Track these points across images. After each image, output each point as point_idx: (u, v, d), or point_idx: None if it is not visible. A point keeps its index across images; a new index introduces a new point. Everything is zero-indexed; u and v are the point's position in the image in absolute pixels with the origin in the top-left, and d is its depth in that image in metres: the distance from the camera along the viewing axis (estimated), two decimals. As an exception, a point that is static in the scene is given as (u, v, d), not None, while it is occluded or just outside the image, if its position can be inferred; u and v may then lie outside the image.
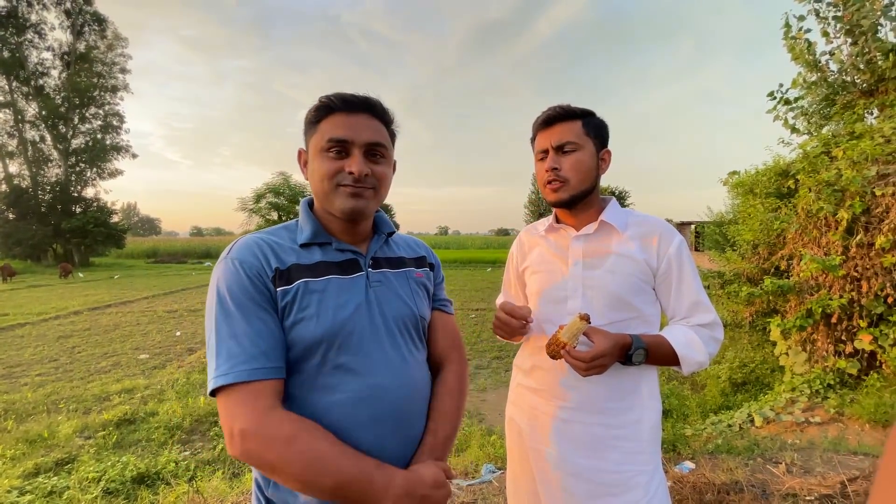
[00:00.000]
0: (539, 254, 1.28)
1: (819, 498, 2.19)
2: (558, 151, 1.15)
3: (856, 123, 4.72)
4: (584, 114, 1.17)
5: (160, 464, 3.21)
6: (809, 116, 5.81)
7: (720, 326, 1.14)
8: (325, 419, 0.80)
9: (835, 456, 2.70)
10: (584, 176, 1.14)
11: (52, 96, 26.49)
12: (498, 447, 2.99)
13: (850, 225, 4.07)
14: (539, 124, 1.20)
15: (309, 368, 0.83)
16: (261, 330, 0.79)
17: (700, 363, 1.08)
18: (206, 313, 0.83)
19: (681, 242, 1.14)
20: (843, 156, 4.21)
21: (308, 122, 0.92)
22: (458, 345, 1.07)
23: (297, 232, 0.93)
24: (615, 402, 1.13)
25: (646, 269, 1.13)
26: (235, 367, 0.75)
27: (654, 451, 1.15)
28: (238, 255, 0.84)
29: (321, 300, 0.84)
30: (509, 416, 1.33)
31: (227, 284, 0.81)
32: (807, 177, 4.41)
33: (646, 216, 1.21)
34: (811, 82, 5.58)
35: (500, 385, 5.25)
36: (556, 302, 1.19)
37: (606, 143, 1.20)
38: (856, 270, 4.04)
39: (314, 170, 0.90)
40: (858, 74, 5.11)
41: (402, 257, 1.02)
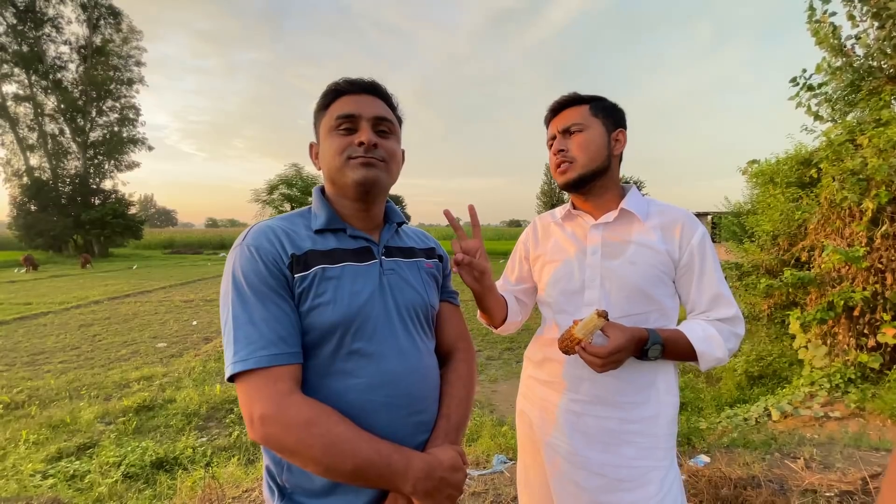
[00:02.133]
0: (554, 242, 1.24)
1: (839, 494, 2.14)
2: (565, 134, 1.14)
3: (882, 110, 4.54)
4: (591, 98, 1.15)
5: (178, 449, 3.28)
6: (834, 103, 5.61)
7: (741, 321, 1.10)
8: (341, 404, 0.80)
9: (856, 452, 2.64)
10: (593, 155, 1.11)
11: (69, 90, 26.95)
12: (509, 438, 2.99)
13: (875, 215, 3.94)
14: (548, 113, 1.20)
15: (324, 354, 0.83)
16: (278, 315, 0.79)
17: (718, 359, 1.05)
18: (222, 299, 0.83)
19: (704, 233, 1.10)
20: (869, 143, 4.06)
21: (317, 110, 0.95)
22: (465, 335, 1.08)
23: (311, 218, 0.93)
24: (630, 395, 1.10)
25: (667, 260, 1.09)
26: (255, 352, 0.76)
27: (670, 446, 1.13)
28: (253, 241, 0.84)
29: (337, 286, 0.84)
30: (520, 408, 1.32)
31: (244, 271, 0.81)
32: (830, 165, 4.28)
33: (668, 205, 1.17)
34: (836, 67, 5.38)
35: (511, 376, 5.25)
36: (572, 293, 1.16)
37: (621, 124, 1.16)
38: (880, 262, 3.92)
39: (325, 149, 0.91)
40: (885, 59, 4.91)
41: (413, 248, 1.03)
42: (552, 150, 1.18)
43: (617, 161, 1.17)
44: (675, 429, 1.15)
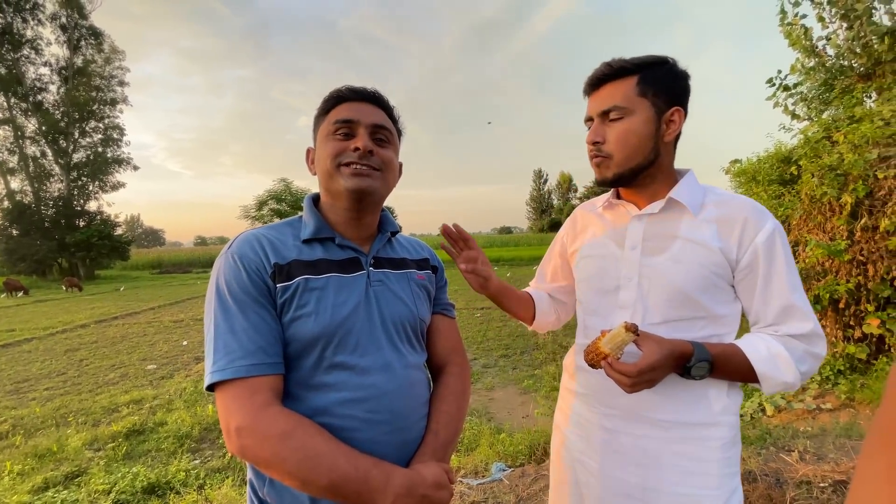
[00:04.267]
0: (592, 234, 1.10)
1: (833, 484, 2.17)
2: (603, 118, 0.95)
3: (855, 107, 4.68)
4: (640, 66, 0.92)
5: (170, 473, 3.20)
6: (809, 102, 5.77)
7: (821, 339, 0.90)
8: (321, 418, 0.79)
9: (847, 441, 2.68)
10: (634, 150, 0.93)
11: (51, 111, 26.59)
12: (507, 445, 2.98)
13: (853, 209, 4.04)
14: (586, 88, 0.99)
15: (306, 366, 0.82)
16: (259, 325, 0.78)
17: (786, 384, 0.88)
18: (206, 308, 0.83)
19: (774, 230, 0.90)
20: (844, 140, 4.17)
21: (317, 115, 0.94)
22: (459, 349, 1.05)
23: (300, 227, 0.92)
24: (671, 413, 0.94)
25: (721, 260, 0.91)
26: (233, 362, 0.75)
27: (728, 472, 0.94)
28: (238, 249, 0.83)
29: (320, 298, 0.83)
30: (555, 421, 1.20)
31: (226, 279, 0.80)
32: (809, 162, 4.38)
33: (731, 195, 0.97)
34: (809, 68, 5.55)
35: (507, 383, 5.23)
36: (606, 292, 1.02)
37: (679, 100, 0.94)
38: (861, 254, 4.00)
39: (320, 154, 0.91)
40: (855, 58, 5.08)
41: (405, 258, 1.01)
42: (587, 138, 0.98)
43: (670, 146, 0.97)
44: (736, 453, 0.97)
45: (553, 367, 5.50)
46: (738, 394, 0.98)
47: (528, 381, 5.16)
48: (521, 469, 2.65)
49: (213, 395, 0.79)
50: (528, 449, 2.88)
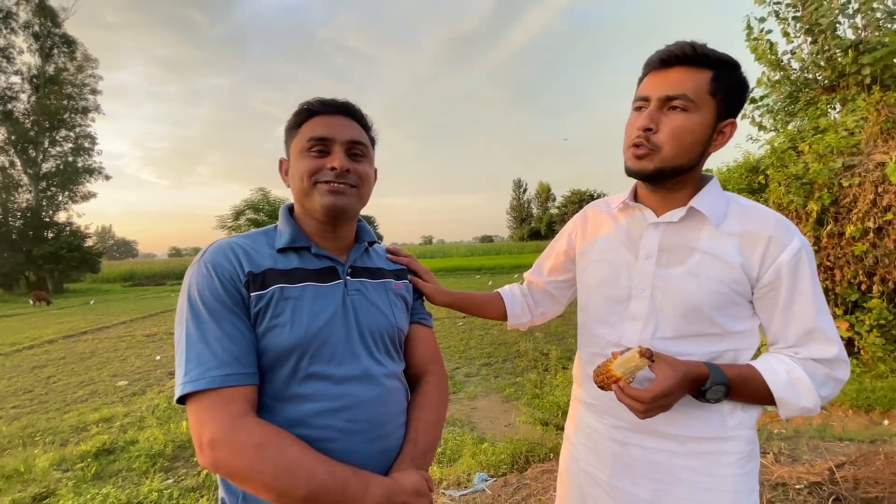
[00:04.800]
0: (604, 238, 1.04)
1: (808, 485, 2.21)
2: (662, 105, 0.85)
3: (820, 118, 4.89)
4: (719, 62, 0.84)
5: (142, 494, 3.08)
6: (775, 114, 6.00)
7: (845, 363, 0.85)
8: (298, 429, 0.77)
9: (821, 443, 2.75)
10: (685, 149, 0.85)
11: (21, 120, 25.76)
12: (489, 455, 2.96)
13: (820, 216, 4.20)
14: (652, 62, 0.88)
15: (281, 377, 0.81)
16: (233, 335, 0.77)
17: (805, 409, 0.84)
18: (177, 317, 0.80)
19: (801, 248, 0.84)
20: (810, 150, 4.35)
21: (289, 128, 0.93)
22: (437, 358, 1.05)
23: (275, 237, 0.91)
24: (682, 427, 0.90)
25: (741, 277, 0.85)
26: (206, 372, 0.73)
27: (745, 489, 0.89)
28: (210, 257, 0.82)
29: (296, 307, 0.82)
30: (566, 432, 1.17)
31: (199, 288, 0.79)
32: (776, 171, 4.54)
33: (756, 206, 0.91)
34: (775, 81, 5.78)
35: (490, 392, 5.22)
36: (616, 301, 0.97)
37: (734, 112, 0.88)
38: (829, 260, 4.15)
39: (295, 170, 0.89)
40: (819, 71, 5.31)
41: (382, 268, 1.01)
42: (638, 122, 0.88)
43: (708, 156, 0.91)
44: (754, 468, 0.92)
45: (534, 374, 5.52)
46: (756, 408, 0.92)
47: (509, 389, 5.16)
48: (504, 478, 2.63)
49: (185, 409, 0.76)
50: (510, 458, 2.87)
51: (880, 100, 4.16)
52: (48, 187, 27.55)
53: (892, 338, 3.89)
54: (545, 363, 6.01)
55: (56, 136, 27.31)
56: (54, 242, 25.23)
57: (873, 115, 4.19)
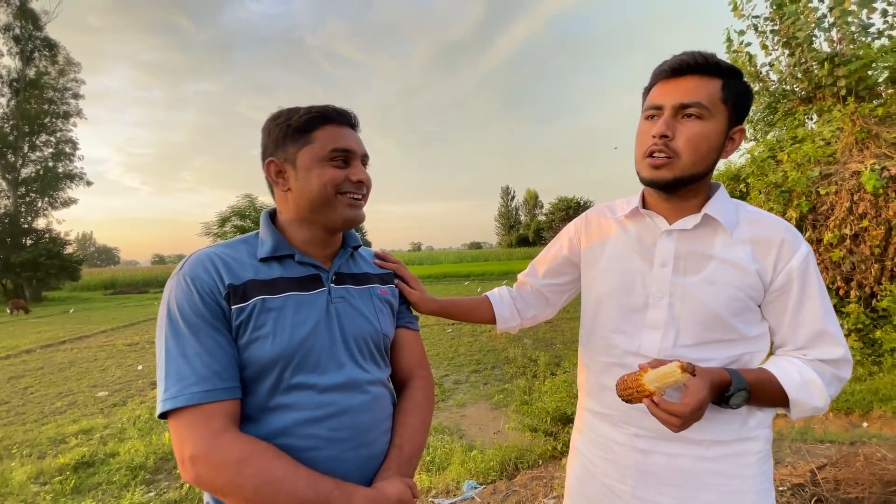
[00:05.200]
0: (613, 245, 1.03)
1: (791, 487, 2.25)
2: (678, 113, 0.86)
3: (797, 129, 5.04)
4: (728, 71, 0.86)
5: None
6: (755, 124, 6.17)
7: (849, 363, 0.89)
8: (281, 439, 0.78)
9: (802, 445, 2.80)
10: (702, 157, 0.86)
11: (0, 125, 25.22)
12: (479, 462, 2.95)
13: (798, 223, 4.31)
14: (663, 71, 0.89)
15: (264, 388, 0.80)
16: (213, 349, 0.76)
17: (816, 409, 0.86)
18: (157, 332, 0.80)
19: (808, 254, 0.87)
20: (788, 159, 4.47)
21: (295, 129, 0.87)
22: (423, 362, 1.05)
23: (256, 245, 0.90)
24: (708, 432, 0.89)
25: (756, 282, 0.87)
26: (186, 388, 0.73)
27: (763, 489, 0.91)
28: (189, 270, 0.81)
29: (278, 318, 0.81)
30: (574, 444, 1.13)
31: (178, 302, 0.78)
32: (756, 180, 4.66)
33: (763, 213, 0.93)
34: (754, 92, 5.94)
35: (479, 399, 5.21)
36: (633, 310, 0.96)
37: (743, 119, 0.90)
38: (808, 266, 4.26)
39: (314, 178, 0.86)
40: (797, 83, 5.48)
41: (367, 273, 1.00)
42: (653, 130, 0.87)
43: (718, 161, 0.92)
44: (769, 467, 0.94)
45: (523, 381, 5.53)
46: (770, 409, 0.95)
47: (498, 395, 5.16)
48: (493, 486, 2.62)
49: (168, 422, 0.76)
50: (499, 465, 2.87)
51: (855, 111, 4.31)
52: (27, 193, 26.91)
53: (870, 341, 4.00)
54: (534, 369, 6.02)
55: (36, 140, 26.74)
56: (33, 249, 24.61)
57: (848, 126, 4.33)
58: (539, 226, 63.88)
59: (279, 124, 0.88)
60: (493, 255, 48.97)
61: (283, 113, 0.89)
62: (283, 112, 0.90)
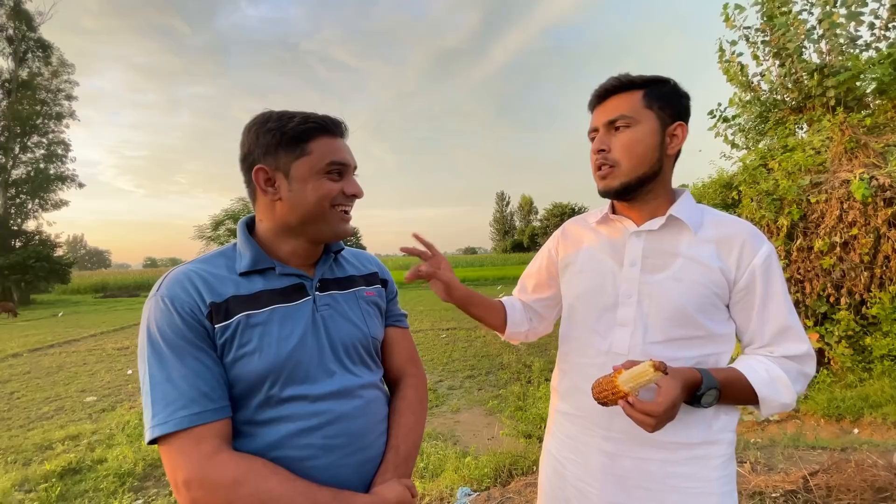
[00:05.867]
0: (587, 249, 1.08)
1: (784, 494, 2.26)
2: (609, 128, 0.95)
3: (788, 138, 5.11)
4: (647, 82, 0.95)
5: (110, 515, 2.95)
6: (746, 132, 6.25)
7: (813, 359, 0.92)
8: (276, 452, 0.77)
9: (795, 452, 2.81)
10: (641, 159, 0.93)
11: (-11, 126, 24.94)
12: (472, 469, 2.94)
13: (790, 231, 4.36)
14: (592, 101, 1.00)
15: (253, 404, 0.79)
16: (199, 371, 0.75)
17: (784, 405, 0.90)
18: (139, 356, 0.78)
19: (770, 253, 0.92)
20: (779, 167, 4.53)
21: (288, 137, 0.83)
22: (414, 359, 1.05)
23: (235, 258, 0.87)
24: (674, 434, 0.91)
25: (720, 280, 0.91)
26: (174, 413, 0.71)
27: (726, 491, 0.94)
28: (168, 291, 0.79)
29: (263, 333, 0.80)
30: (546, 446, 1.15)
31: (158, 325, 0.76)
32: (748, 188, 4.71)
33: (727, 216, 0.99)
34: (746, 101, 6.03)
35: (473, 405, 5.19)
36: (604, 309, 1.00)
37: (681, 115, 0.96)
38: (798, 273, 4.30)
39: (310, 190, 0.83)
40: (787, 93, 5.56)
41: (352, 276, 0.98)
42: (592, 148, 0.99)
43: (671, 161, 0.98)
44: (733, 470, 0.97)
45: (517, 386, 5.52)
46: (736, 411, 0.98)
47: (493, 401, 5.14)
48: (487, 493, 2.61)
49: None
50: (493, 472, 2.85)
51: (844, 121, 4.38)
52: (17, 194, 26.60)
53: (860, 348, 4.04)
54: (528, 375, 6.02)
55: (27, 142, 26.47)
56: (22, 252, 24.31)
57: (838, 135, 4.40)
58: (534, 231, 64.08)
59: (270, 130, 0.83)
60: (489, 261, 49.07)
61: (273, 117, 0.85)
62: (273, 116, 0.85)
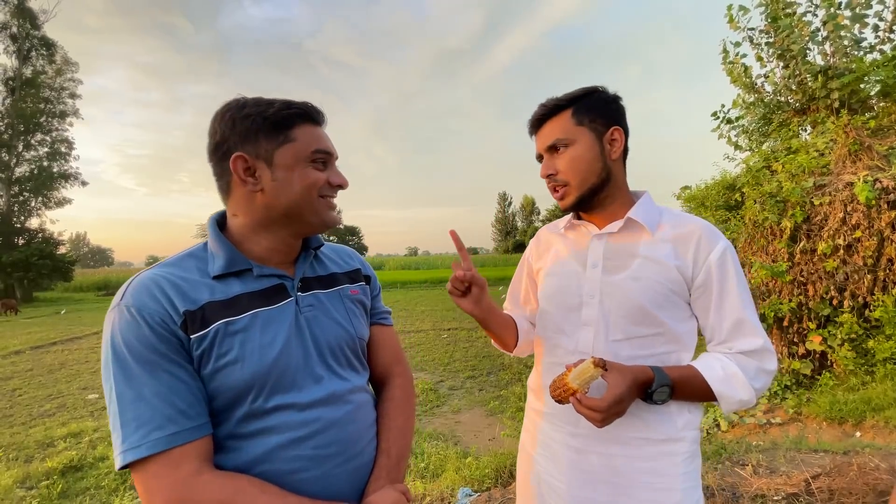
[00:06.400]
0: (555, 253, 1.13)
1: (786, 497, 2.25)
2: (551, 152, 1.02)
3: (792, 139, 5.09)
4: (572, 100, 1.00)
5: (111, 512, 2.96)
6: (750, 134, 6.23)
7: (772, 354, 0.94)
8: (263, 467, 0.73)
9: (797, 454, 2.80)
10: (586, 173, 0.98)
11: (-7, 124, 25.05)
12: (473, 469, 2.93)
13: (793, 233, 4.34)
14: (529, 129, 1.08)
15: (237, 416, 0.74)
16: (174, 386, 0.69)
17: (742, 402, 0.92)
18: (103, 374, 0.70)
19: (726, 248, 0.95)
20: (783, 169, 4.52)
21: (270, 123, 0.78)
22: (400, 357, 1.01)
23: (207, 260, 0.80)
24: (638, 430, 0.95)
25: (677, 277, 0.95)
26: (148, 435, 0.65)
27: (690, 486, 0.96)
28: (134, 300, 0.71)
29: (244, 341, 0.74)
30: (521, 443, 1.19)
31: (125, 338, 0.69)
32: (751, 189, 4.70)
33: (684, 215, 1.03)
34: (749, 103, 6.01)
35: (474, 405, 5.19)
36: (570, 309, 1.04)
37: (614, 121, 1.01)
38: (802, 275, 4.29)
39: (297, 179, 0.79)
40: (791, 95, 5.55)
41: (334, 273, 0.93)
42: (541, 174, 1.05)
43: (619, 165, 1.03)
44: (697, 466, 0.99)
45: (519, 387, 5.52)
46: (699, 409, 1.02)
47: (494, 402, 5.14)
48: (488, 493, 2.61)
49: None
50: (494, 472, 2.85)
51: (848, 123, 4.36)
52: (20, 192, 26.73)
53: (863, 351, 4.02)
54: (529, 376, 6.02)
55: (31, 139, 26.59)
56: (25, 249, 24.39)
57: (841, 138, 4.38)
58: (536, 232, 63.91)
59: (249, 115, 0.78)
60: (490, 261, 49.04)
61: (250, 103, 0.80)
62: (249, 102, 0.80)
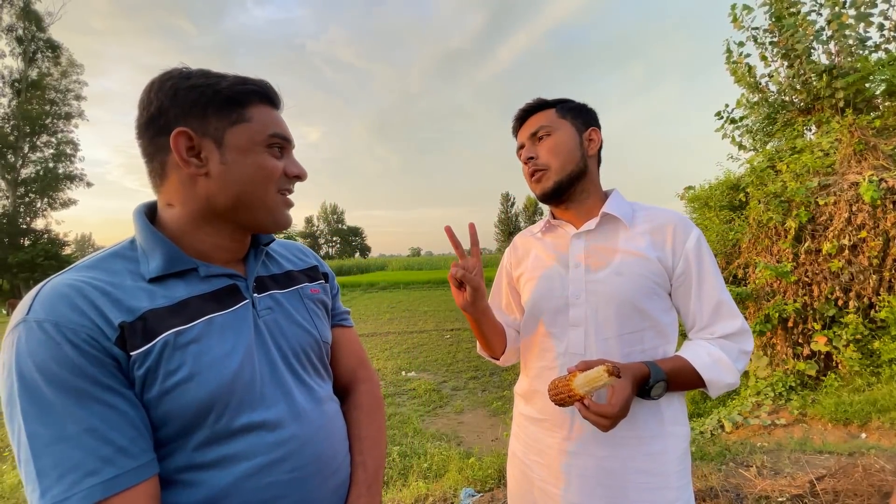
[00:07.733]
0: (535, 257, 1.13)
1: (791, 498, 2.24)
2: (533, 139, 1.06)
3: (796, 139, 5.07)
4: (557, 101, 1.08)
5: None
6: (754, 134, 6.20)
7: (749, 335, 0.98)
8: (230, 500, 0.62)
9: (802, 456, 2.79)
10: (566, 158, 1.02)
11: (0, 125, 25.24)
12: (476, 470, 2.94)
13: (797, 233, 4.32)
14: (514, 123, 1.13)
15: (195, 442, 0.62)
16: (109, 418, 0.55)
17: (729, 385, 0.94)
18: (4, 412, 0.55)
19: (699, 236, 0.99)
20: (787, 169, 4.50)
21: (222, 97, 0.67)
22: (364, 361, 0.94)
23: (137, 260, 0.66)
24: (630, 430, 0.95)
25: (659, 269, 0.97)
26: (79, 483, 0.52)
27: (682, 484, 0.98)
28: (48, 313, 0.56)
29: (199, 353, 0.62)
30: (511, 450, 1.17)
31: (37, 362, 0.54)
32: (755, 189, 4.68)
33: (656, 208, 1.06)
34: (753, 102, 5.98)
35: (476, 406, 5.20)
36: (556, 311, 1.04)
37: (592, 123, 1.08)
38: (806, 276, 4.27)
39: (251, 163, 0.67)
40: (796, 94, 5.52)
41: (290, 271, 0.83)
42: (522, 159, 1.09)
43: (594, 162, 1.08)
44: (688, 464, 1.01)
45: (522, 388, 5.51)
46: (683, 402, 1.04)
47: (496, 402, 5.14)
48: (490, 493, 2.61)
49: None
50: (496, 473, 2.85)
51: (853, 123, 4.34)
52: (26, 193, 26.92)
53: (868, 352, 4.00)
54: (531, 376, 6.02)
55: (37, 141, 26.78)
56: (30, 250, 24.58)
57: (846, 137, 4.36)
58: (538, 233, 63.69)
59: (196, 87, 0.66)
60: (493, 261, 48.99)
61: (196, 73, 0.68)
62: (195, 72, 0.68)
